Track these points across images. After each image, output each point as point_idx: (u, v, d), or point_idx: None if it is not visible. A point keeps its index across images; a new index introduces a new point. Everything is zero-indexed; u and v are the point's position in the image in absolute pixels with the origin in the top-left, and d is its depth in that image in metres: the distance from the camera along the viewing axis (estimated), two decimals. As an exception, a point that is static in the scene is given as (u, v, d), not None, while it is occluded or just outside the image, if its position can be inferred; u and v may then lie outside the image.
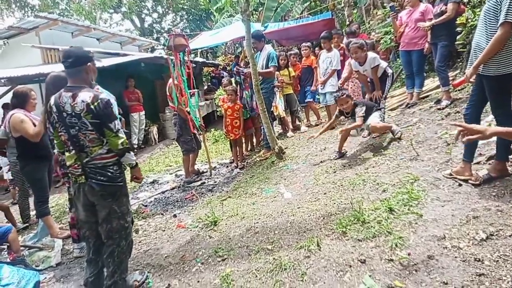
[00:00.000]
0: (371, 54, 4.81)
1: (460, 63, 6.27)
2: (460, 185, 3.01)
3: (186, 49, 5.04)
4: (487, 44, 2.71)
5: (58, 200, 5.86)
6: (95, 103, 2.40)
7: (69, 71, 2.54)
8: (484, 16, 2.76)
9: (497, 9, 2.62)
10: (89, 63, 2.58)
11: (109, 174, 2.49)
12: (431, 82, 6.17)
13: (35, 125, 3.75)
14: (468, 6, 4.98)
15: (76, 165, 2.51)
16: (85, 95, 2.42)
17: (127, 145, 2.51)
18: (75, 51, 2.59)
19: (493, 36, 2.65)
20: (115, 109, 2.76)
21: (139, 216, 4.30)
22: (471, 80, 2.95)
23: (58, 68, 8.14)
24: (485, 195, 2.75)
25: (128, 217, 2.65)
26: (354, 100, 4.62)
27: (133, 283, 2.72)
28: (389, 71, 4.84)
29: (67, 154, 2.57)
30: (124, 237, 2.59)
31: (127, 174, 2.66)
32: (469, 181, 2.96)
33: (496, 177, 2.89)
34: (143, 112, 9.22)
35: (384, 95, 4.86)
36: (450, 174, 3.16)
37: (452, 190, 2.97)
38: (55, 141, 2.74)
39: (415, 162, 3.70)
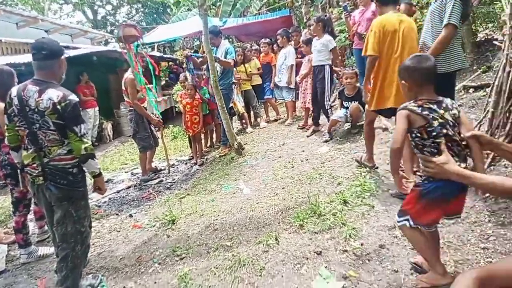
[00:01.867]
0: (328, 36, 4.97)
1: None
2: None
3: (139, 40, 4.83)
4: (432, 43, 2.88)
5: (3, 202, 5.43)
6: (63, 104, 2.27)
7: (40, 63, 2.38)
8: (430, 17, 2.94)
9: (442, 10, 2.79)
10: (62, 57, 2.46)
11: (70, 178, 2.37)
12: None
13: None
14: (417, 7, 5.25)
15: (34, 165, 2.37)
16: (53, 93, 2.28)
17: (91, 151, 2.39)
18: (49, 43, 2.44)
19: (437, 36, 2.83)
20: None
21: (93, 217, 4.10)
22: None
23: (1, 61, 7.54)
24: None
25: (86, 221, 2.54)
26: (360, 86, 4.64)
27: (86, 288, 2.60)
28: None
29: (24, 152, 2.42)
30: (79, 242, 2.47)
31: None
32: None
33: None
34: (97, 108, 8.80)
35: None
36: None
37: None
38: (6, 134, 2.54)
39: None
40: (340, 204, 2.92)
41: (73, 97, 2.34)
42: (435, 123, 1.72)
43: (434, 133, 1.72)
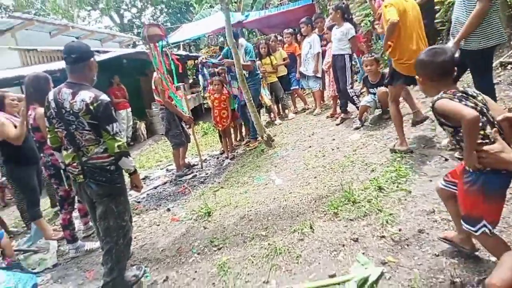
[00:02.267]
0: (348, 25, 4.90)
1: (440, 42, 6.34)
2: (446, 159, 3.08)
3: (163, 39, 4.94)
4: (466, 18, 2.74)
5: (45, 205, 5.79)
6: (95, 104, 2.37)
7: (71, 67, 2.49)
8: None
9: None
10: (91, 59, 2.55)
11: (108, 175, 2.48)
12: (413, 62, 6.23)
13: None
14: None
15: (74, 164, 2.51)
16: (85, 95, 2.38)
17: (125, 149, 2.48)
18: (78, 46, 2.55)
19: (472, 10, 2.69)
20: None
21: (133, 213, 4.29)
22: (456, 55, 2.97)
23: (38, 69, 7.96)
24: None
25: (126, 216, 2.65)
26: (383, 72, 4.60)
27: (131, 279, 2.73)
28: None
29: (64, 152, 2.56)
30: (122, 236, 2.59)
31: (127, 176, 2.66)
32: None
33: None
34: (130, 109, 9.12)
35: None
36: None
37: (438, 165, 3.05)
38: (49, 136, 2.69)
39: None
40: (375, 191, 2.88)
41: (105, 97, 2.43)
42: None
43: (480, 124, 1.56)
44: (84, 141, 2.45)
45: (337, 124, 5.11)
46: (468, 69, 3.02)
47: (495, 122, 1.63)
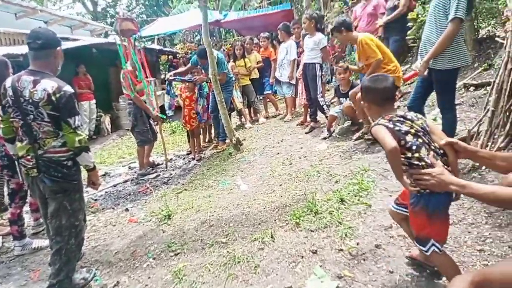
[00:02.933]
0: (320, 35, 4.98)
1: (411, 58, 6.56)
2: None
3: (136, 34, 4.80)
4: (437, 38, 2.82)
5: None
6: (57, 95, 2.24)
7: (35, 53, 2.34)
8: (434, 12, 2.87)
9: (446, 4, 2.72)
10: (58, 48, 2.42)
11: (65, 170, 2.35)
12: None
13: None
14: (418, 1, 5.20)
15: (29, 157, 2.35)
16: (47, 84, 2.25)
17: (85, 144, 2.36)
18: (44, 33, 2.41)
19: (443, 31, 2.77)
20: None
21: (88, 211, 4.09)
22: (424, 74, 3.04)
23: (1, 52, 7.47)
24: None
25: (80, 214, 2.52)
26: (353, 81, 4.66)
27: (79, 282, 2.58)
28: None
29: (18, 144, 2.39)
30: (74, 235, 2.45)
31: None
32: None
33: None
34: (94, 101, 8.74)
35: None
36: None
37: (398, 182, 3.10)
38: (1, 126, 2.52)
39: (366, 154, 3.84)
40: (337, 202, 2.90)
41: (68, 88, 2.31)
42: (408, 138, 1.67)
43: (414, 147, 1.65)
44: (42, 133, 2.30)
45: (306, 133, 5.15)
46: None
47: (436, 146, 1.70)
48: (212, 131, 6.33)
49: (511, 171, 1.55)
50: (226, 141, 5.56)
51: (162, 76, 12.41)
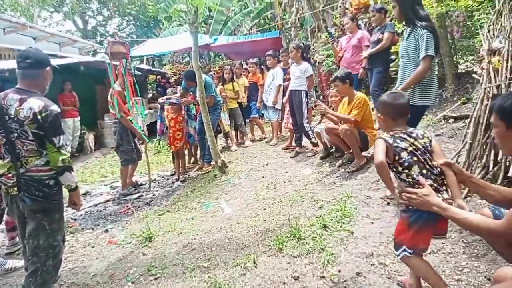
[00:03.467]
0: (306, 64, 5.17)
1: (393, 87, 6.78)
2: (388, 204, 3.21)
3: (127, 58, 4.87)
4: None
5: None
6: (43, 114, 2.23)
7: (24, 72, 2.35)
8: (406, 53, 3.06)
9: (416, 45, 2.93)
10: (47, 68, 2.44)
11: (46, 190, 2.31)
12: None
13: None
14: (401, 37, 5.44)
15: (9, 175, 2.30)
16: (34, 103, 2.24)
17: (69, 163, 2.34)
18: (35, 53, 2.43)
19: (417, 67, 2.94)
20: None
21: (67, 231, 3.97)
22: None
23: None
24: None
25: (59, 235, 2.45)
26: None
27: (53, 306, 2.49)
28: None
29: (0, 162, 2.32)
30: (51, 257, 2.38)
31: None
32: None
33: None
34: (78, 118, 8.66)
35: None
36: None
37: (381, 209, 3.17)
38: None
39: (349, 180, 3.90)
40: (320, 229, 2.92)
41: (55, 108, 2.31)
42: (403, 154, 1.85)
43: (406, 164, 1.83)
44: (25, 151, 2.27)
45: (291, 157, 5.20)
46: None
47: (433, 165, 1.84)
48: (198, 152, 6.32)
49: (500, 202, 1.65)
50: (212, 163, 5.56)
51: (149, 96, 12.43)
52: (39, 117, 2.22)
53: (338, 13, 8.91)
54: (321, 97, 8.45)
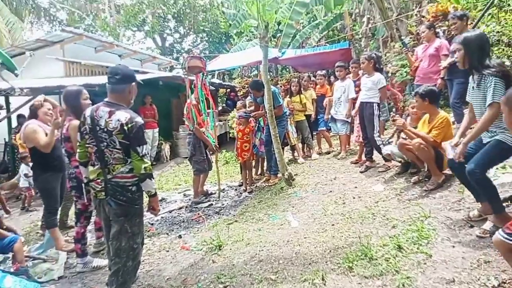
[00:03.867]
0: (379, 75, 4.99)
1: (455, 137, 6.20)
2: (471, 226, 2.93)
3: (203, 71, 5.17)
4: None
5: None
6: (129, 125, 2.46)
7: (113, 87, 2.62)
8: (477, 103, 2.85)
9: (485, 94, 2.70)
10: (133, 83, 2.69)
11: (129, 195, 2.52)
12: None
13: None
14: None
15: (98, 180, 2.57)
16: (121, 115, 2.48)
17: (150, 171, 2.54)
18: (123, 69, 2.69)
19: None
20: None
21: (145, 235, 4.28)
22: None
23: (79, 81, 8.41)
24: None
25: (139, 238, 2.66)
26: None
27: (132, 304, 2.69)
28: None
29: (90, 168, 2.63)
30: (131, 258, 2.59)
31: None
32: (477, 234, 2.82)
33: None
34: (157, 129, 9.35)
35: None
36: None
37: (463, 231, 2.90)
38: (78, 151, 2.78)
39: (427, 199, 3.63)
40: (394, 249, 2.75)
41: (139, 120, 2.53)
42: None
43: None
44: (112, 159, 2.51)
45: (361, 172, 5.01)
46: None
47: None
48: (265, 164, 6.41)
49: None
50: (278, 175, 5.59)
51: (219, 108, 12.98)
52: (125, 128, 2.45)
53: (413, 22, 8.50)
54: (394, 109, 8.05)
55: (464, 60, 2.90)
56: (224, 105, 14.35)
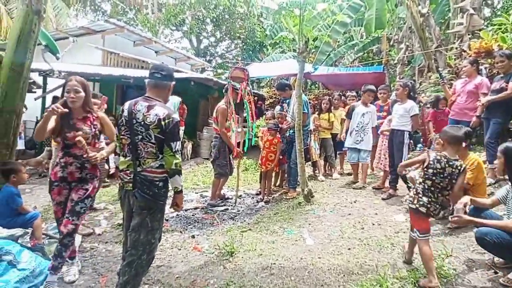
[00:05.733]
0: (412, 102, 4.97)
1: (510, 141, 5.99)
2: (496, 272, 2.81)
3: (244, 81, 5.39)
4: None
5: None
6: (167, 120, 2.50)
7: (155, 82, 2.66)
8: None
9: None
10: (173, 83, 2.76)
11: (155, 190, 2.54)
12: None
13: None
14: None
15: (128, 171, 2.60)
16: (160, 110, 2.52)
17: (180, 167, 2.57)
18: (168, 68, 2.77)
19: None
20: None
21: (159, 230, 4.33)
22: None
23: (114, 71, 8.67)
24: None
25: (157, 233, 2.67)
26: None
27: (141, 298, 2.70)
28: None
29: (121, 158, 2.67)
30: (147, 252, 2.60)
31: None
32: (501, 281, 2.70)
33: None
34: (183, 128, 9.47)
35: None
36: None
37: (485, 276, 2.79)
38: (116, 143, 2.87)
39: (449, 237, 3.52)
40: (410, 284, 2.68)
41: (176, 116, 2.57)
42: None
43: None
44: (145, 152, 2.54)
45: (383, 199, 4.91)
46: None
47: None
48: (285, 176, 6.36)
49: None
50: (297, 189, 5.55)
51: (245, 115, 13.04)
52: (162, 123, 2.49)
53: (453, 55, 8.35)
54: (421, 139, 7.87)
55: (502, 169, 2.86)
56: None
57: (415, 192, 2.84)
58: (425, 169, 2.78)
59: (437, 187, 2.75)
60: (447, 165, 2.69)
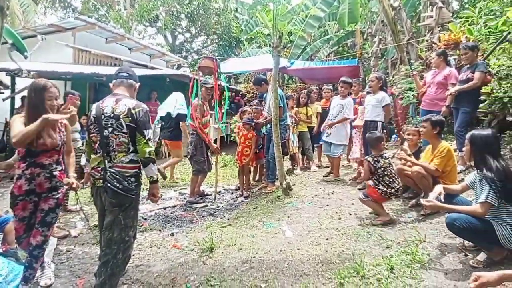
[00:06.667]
0: (383, 93, 5.15)
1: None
2: (466, 255, 2.93)
3: (215, 72, 5.26)
4: None
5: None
6: (137, 109, 2.57)
7: (123, 81, 2.77)
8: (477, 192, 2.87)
9: (482, 188, 2.74)
10: (138, 84, 2.89)
11: (126, 183, 2.54)
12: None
13: None
14: (495, 77, 5.03)
15: (99, 168, 2.60)
16: (128, 101, 2.61)
17: (153, 156, 2.61)
18: (132, 71, 2.90)
19: None
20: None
21: (137, 229, 4.25)
22: None
23: (86, 69, 8.43)
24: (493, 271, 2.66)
25: (131, 231, 2.65)
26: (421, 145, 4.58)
27: (119, 298, 2.67)
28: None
29: (92, 156, 2.66)
30: (122, 250, 2.57)
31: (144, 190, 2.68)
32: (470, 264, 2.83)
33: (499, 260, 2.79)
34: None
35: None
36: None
37: (457, 259, 2.90)
38: (86, 149, 2.88)
39: (423, 223, 3.64)
40: (386, 270, 2.75)
41: (145, 106, 2.66)
42: None
43: None
44: (116, 144, 2.54)
45: (359, 189, 5.02)
46: None
47: None
48: (264, 170, 6.40)
49: None
50: (275, 183, 5.59)
51: (223, 111, 12.98)
52: (133, 111, 2.55)
53: (424, 47, 8.58)
54: (395, 130, 8.09)
55: (469, 156, 2.96)
56: (227, 108, 14.36)
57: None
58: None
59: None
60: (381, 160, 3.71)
